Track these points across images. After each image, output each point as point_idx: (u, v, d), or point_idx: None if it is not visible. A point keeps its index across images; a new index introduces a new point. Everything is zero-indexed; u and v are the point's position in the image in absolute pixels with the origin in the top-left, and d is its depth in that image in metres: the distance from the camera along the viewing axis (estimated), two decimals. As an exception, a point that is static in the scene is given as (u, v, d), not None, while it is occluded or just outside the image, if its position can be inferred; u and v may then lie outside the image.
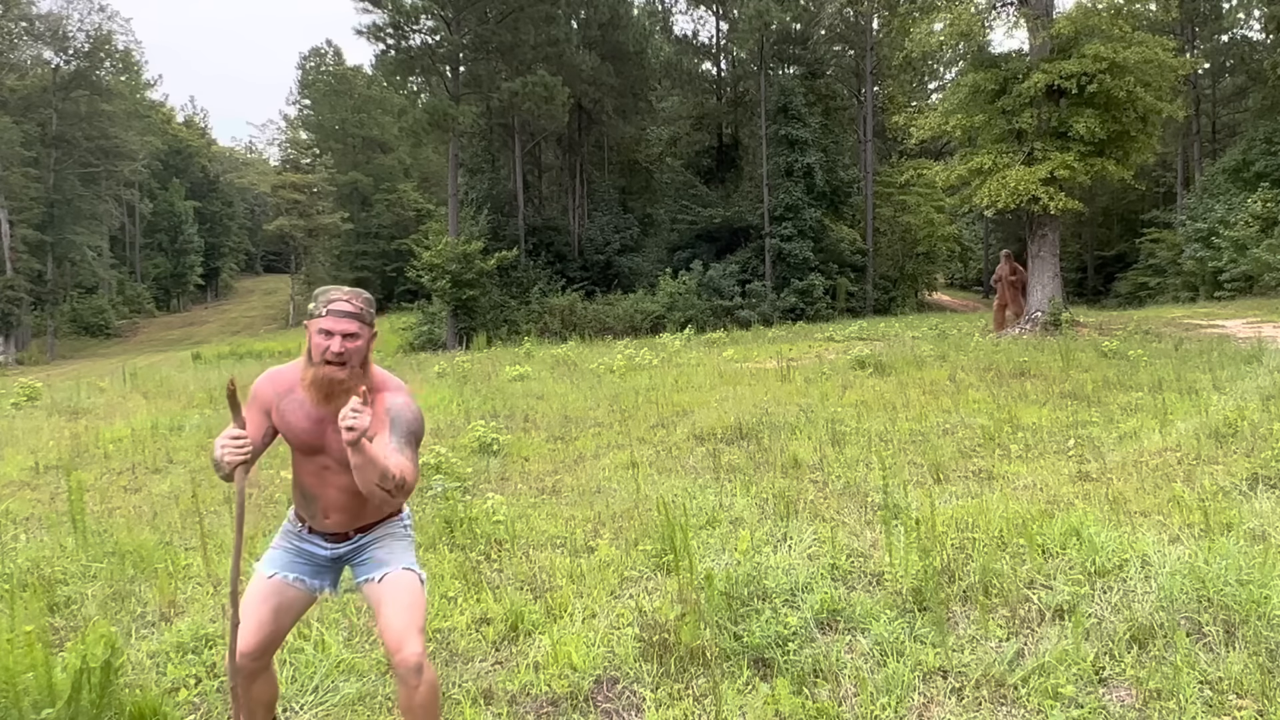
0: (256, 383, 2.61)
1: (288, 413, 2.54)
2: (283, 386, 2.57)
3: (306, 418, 2.52)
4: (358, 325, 2.47)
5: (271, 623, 2.58)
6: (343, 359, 2.44)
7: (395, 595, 2.55)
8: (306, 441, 2.55)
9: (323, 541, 2.67)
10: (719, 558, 4.38)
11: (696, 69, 42.63)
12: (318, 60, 62.90)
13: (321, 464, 2.55)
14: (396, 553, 2.66)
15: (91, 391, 14.51)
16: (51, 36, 48.29)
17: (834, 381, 10.88)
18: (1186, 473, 5.71)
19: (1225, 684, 2.98)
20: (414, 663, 2.44)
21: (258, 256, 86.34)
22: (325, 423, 2.50)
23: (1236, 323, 17.60)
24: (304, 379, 2.50)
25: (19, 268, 43.30)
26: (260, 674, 2.65)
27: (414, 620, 2.52)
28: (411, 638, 2.47)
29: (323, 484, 2.58)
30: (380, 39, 31.01)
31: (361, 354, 2.49)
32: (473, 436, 7.73)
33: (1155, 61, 16.32)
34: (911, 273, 40.01)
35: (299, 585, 2.63)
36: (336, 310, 2.46)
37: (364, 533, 2.68)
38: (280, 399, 2.55)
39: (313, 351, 2.47)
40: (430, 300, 32.39)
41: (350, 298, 2.49)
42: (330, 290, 2.51)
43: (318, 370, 2.45)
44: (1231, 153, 35.06)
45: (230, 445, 2.34)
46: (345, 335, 2.44)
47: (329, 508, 2.61)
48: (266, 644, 2.60)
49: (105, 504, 6.48)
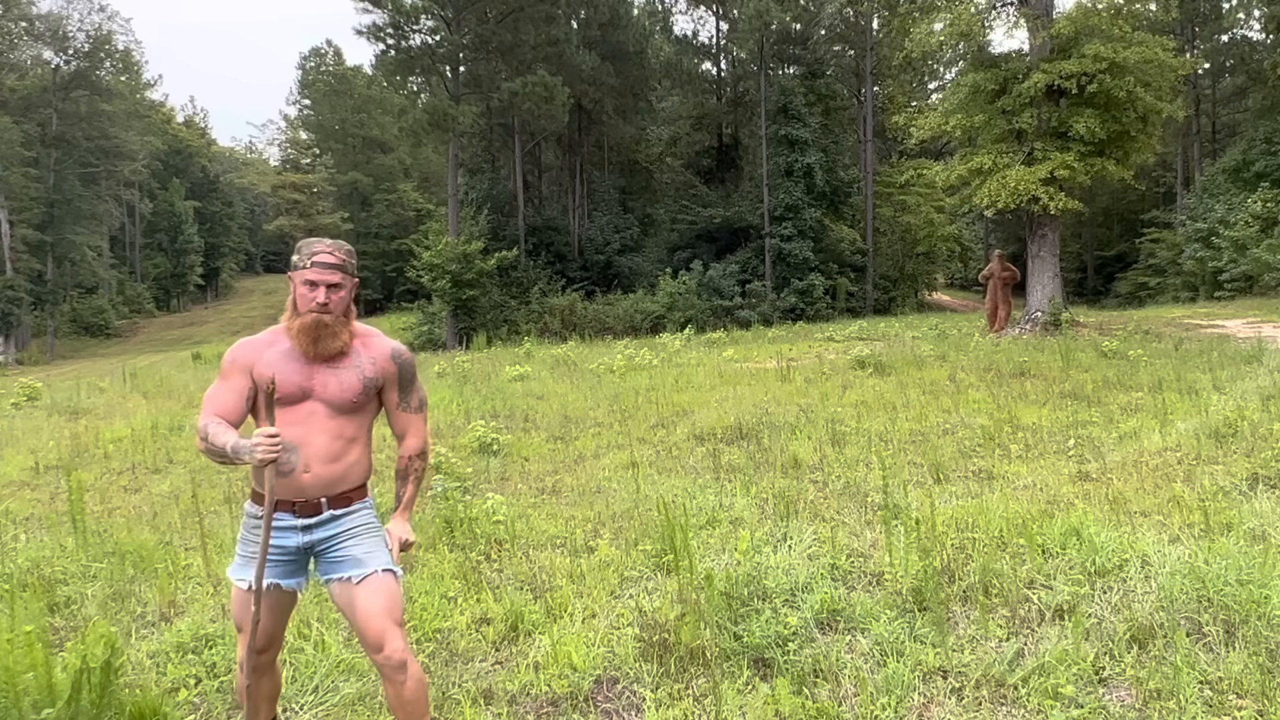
0: (230, 351, 2.61)
1: (274, 362, 2.52)
2: (263, 343, 2.59)
3: (295, 363, 2.53)
4: (341, 276, 2.54)
5: (269, 620, 2.60)
6: (328, 309, 2.50)
7: (373, 594, 2.52)
8: (297, 384, 2.51)
9: (292, 518, 2.55)
10: (719, 558, 4.38)
11: (696, 69, 42.64)
12: (318, 60, 62.95)
13: (308, 410, 2.53)
14: (373, 551, 2.59)
15: (91, 391, 14.51)
16: (51, 36, 48.28)
17: (834, 381, 10.88)
18: (1186, 473, 5.71)
19: (1225, 684, 2.98)
20: (397, 660, 2.47)
21: (258, 256, 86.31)
22: (313, 368, 2.53)
23: (1236, 323, 17.61)
24: (290, 328, 2.55)
25: (19, 268, 43.31)
26: (267, 670, 2.70)
27: (392, 616, 2.52)
28: (392, 634, 2.49)
29: (309, 431, 2.53)
30: (380, 39, 31.01)
31: (344, 303, 2.56)
32: (473, 436, 7.73)
33: (1155, 61, 16.33)
34: (911, 273, 40.02)
35: (274, 590, 2.58)
36: (321, 262, 2.52)
37: (338, 513, 2.58)
38: (263, 353, 2.55)
39: (298, 302, 2.53)
40: (430, 300, 32.39)
41: (333, 249, 2.55)
42: (314, 243, 2.56)
43: (304, 318, 2.50)
44: (1231, 153, 35.06)
45: (266, 444, 2.35)
46: (329, 286, 2.51)
47: (313, 457, 2.53)
48: (270, 639, 2.64)
49: (105, 504, 6.48)
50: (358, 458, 2.62)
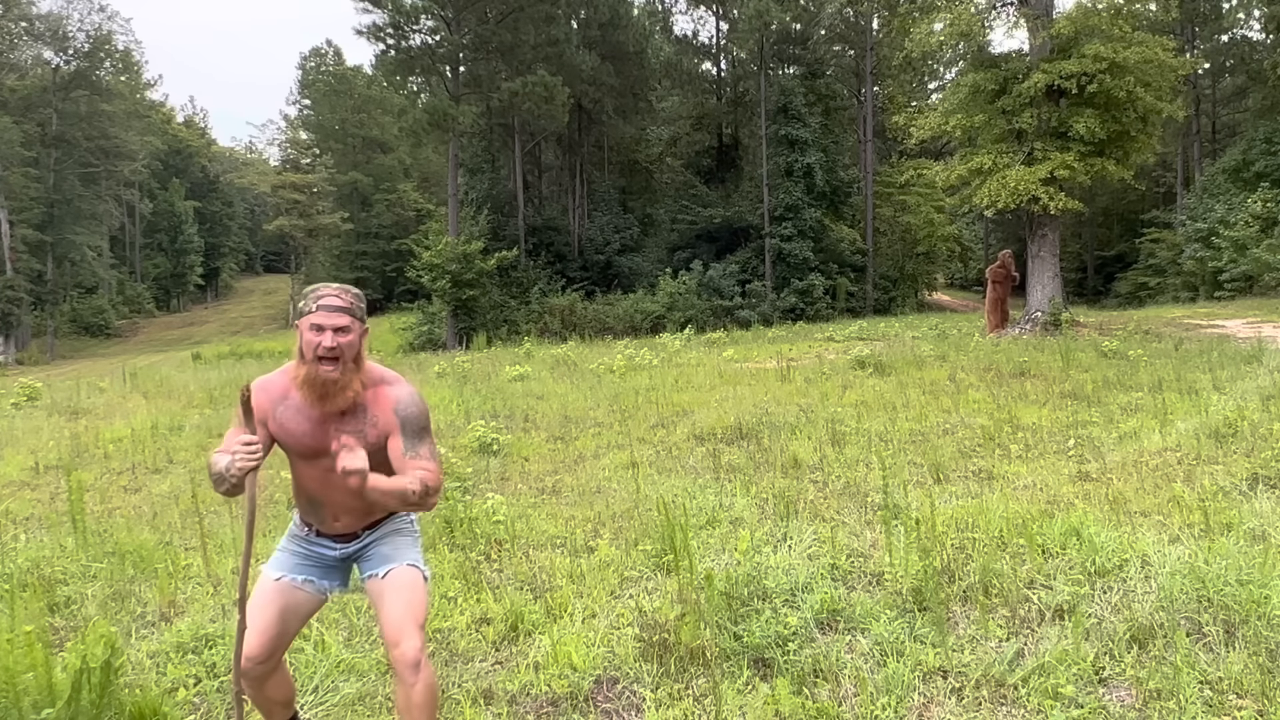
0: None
1: (286, 420, 2.50)
2: (276, 393, 2.52)
3: (306, 420, 2.49)
4: (349, 319, 2.46)
5: (278, 626, 2.56)
6: (335, 354, 2.42)
7: (397, 590, 2.54)
8: (309, 446, 2.50)
9: (331, 543, 2.66)
10: (719, 558, 4.38)
11: (696, 69, 42.67)
12: (318, 60, 62.92)
13: (325, 467, 2.47)
14: (401, 549, 2.65)
15: (91, 391, 14.51)
16: (51, 36, 48.30)
17: (834, 381, 10.88)
18: (1186, 473, 5.71)
19: (1225, 684, 2.98)
20: (411, 659, 2.44)
21: (258, 256, 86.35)
22: (326, 424, 2.49)
23: (1236, 323, 17.61)
24: (297, 378, 2.48)
25: (19, 268, 43.32)
26: (271, 675, 2.63)
27: (413, 616, 2.51)
28: (410, 633, 2.47)
29: (328, 488, 2.53)
30: (380, 39, 31.03)
31: (354, 349, 2.47)
32: (473, 436, 7.73)
33: (1155, 61, 16.33)
34: (911, 273, 40.03)
35: (308, 587, 2.62)
36: (327, 305, 2.45)
37: (372, 529, 2.68)
38: (276, 407, 2.51)
39: (304, 349, 2.45)
40: (430, 300, 32.40)
41: (340, 293, 2.49)
42: (320, 287, 2.51)
43: (311, 368, 2.43)
44: (1231, 153, 35.08)
45: (242, 451, 2.32)
46: (336, 329, 2.43)
47: (338, 511, 2.59)
48: (272, 649, 2.57)
49: (105, 504, 6.48)
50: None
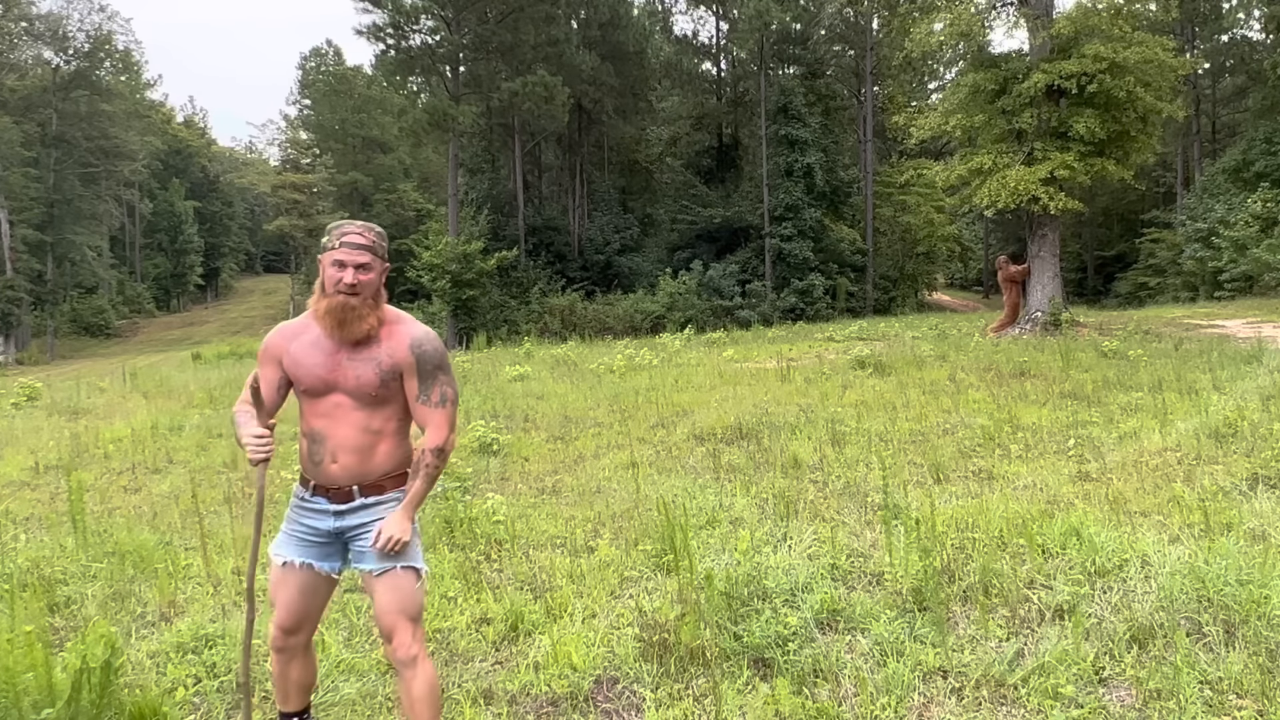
0: (266, 338, 2.63)
1: (300, 354, 2.54)
2: (291, 332, 2.60)
3: (320, 353, 2.53)
4: (370, 257, 2.51)
5: (301, 600, 2.61)
6: (355, 290, 2.47)
7: (390, 589, 2.55)
8: (321, 377, 2.53)
9: (326, 503, 2.58)
10: (719, 558, 4.37)
11: (696, 69, 42.67)
12: (318, 60, 62.88)
13: (334, 402, 2.54)
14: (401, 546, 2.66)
15: (91, 391, 14.51)
16: (51, 36, 48.30)
17: (834, 381, 10.88)
18: (1186, 473, 5.71)
19: (1225, 684, 2.98)
20: (405, 655, 2.49)
21: (258, 256, 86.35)
22: (339, 356, 2.53)
23: (1236, 323, 17.61)
24: (317, 309, 2.53)
25: (19, 268, 43.32)
26: (299, 654, 2.68)
27: (406, 613, 2.53)
28: (403, 629, 2.49)
29: (335, 423, 2.55)
30: (380, 39, 31.05)
31: (374, 286, 2.52)
32: (473, 436, 7.73)
33: (1155, 61, 16.33)
34: (911, 273, 40.05)
35: (308, 570, 2.62)
36: (350, 242, 2.50)
37: (368, 496, 2.59)
38: (290, 343, 2.57)
39: (326, 283, 2.50)
40: (430, 300, 32.41)
41: (363, 230, 2.54)
42: (344, 224, 2.55)
43: (331, 299, 2.48)
44: (1231, 153, 35.08)
45: (253, 444, 2.39)
46: (358, 266, 2.48)
47: (339, 448, 2.55)
48: (300, 620, 2.63)
49: (105, 504, 6.48)
50: (389, 448, 2.61)
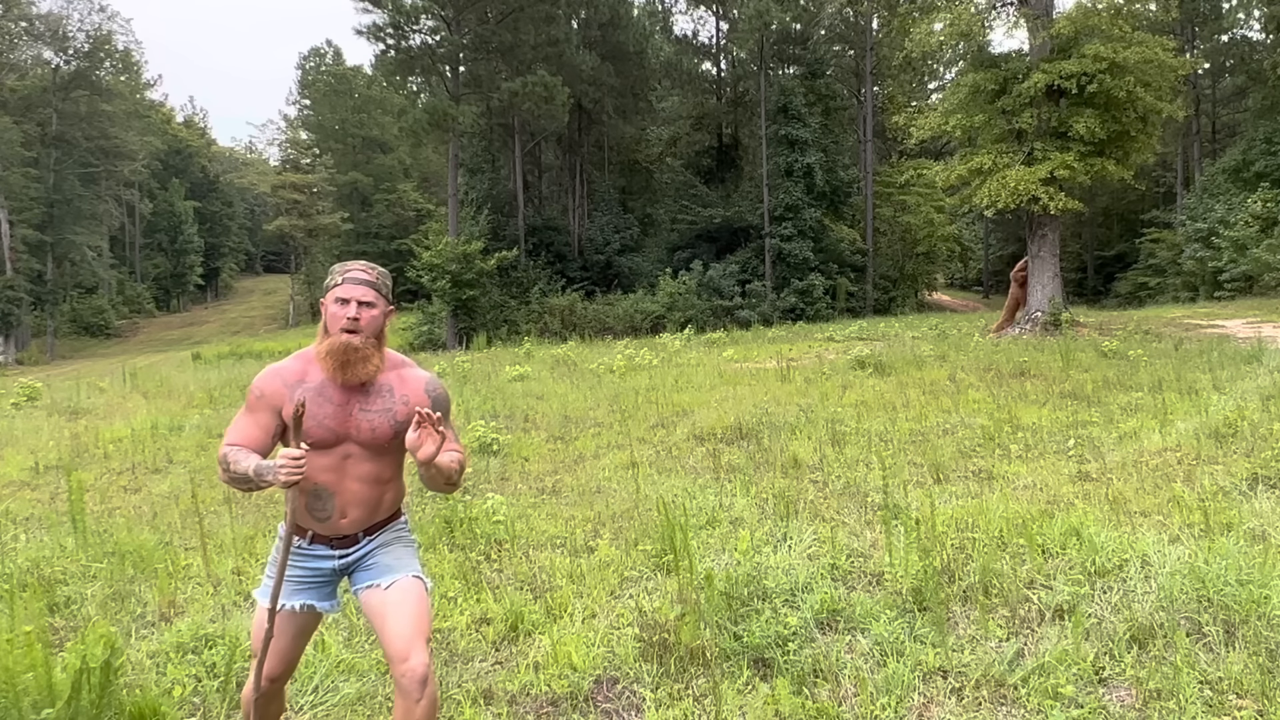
0: (259, 381, 2.48)
1: (308, 404, 2.41)
2: (292, 378, 2.47)
3: (329, 403, 2.43)
4: (374, 295, 2.46)
5: (294, 646, 2.57)
6: (358, 325, 2.41)
7: (402, 603, 2.47)
8: (330, 429, 2.42)
9: (328, 550, 2.53)
10: (719, 558, 4.38)
11: (696, 69, 42.64)
12: (318, 60, 62.89)
13: (342, 454, 2.43)
14: (404, 559, 2.57)
15: (91, 391, 14.51)
16: (51, 36, 48.30)
17: (834, 381, 10.88)
18: (1186, 473, 5.71)
19: (1225, 684, 2.98)
20: (420, 674, 2.37)
21: (258, 256, 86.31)
22: (349, 406, 2.44)
23: (1236, 323, 17.61)
24: (319, 351, 2.45)
25: (19, 268, 43.31)
26: (278, 695, 2.66)
27: (421, 630, 2.45)
28: (419, 648, 2.40)
29: (342, 477, 2.45)
30: (380, 39, 31.03)
31: (377, 325, 2.46)
32: (473, 436, 7.73)
33: (1155, 61, 16.34)
34: (911, 273, 40.03)
35: (307, 612, 2.54)
36: (353, 279, 2.45)
37: (371, 535, 2.57)
38: (293, 390, 2.43)
39: (329, 322, 2.44)
40: (430, 300, 32.40)
41: (367, 268, 2.50)
42: (348, 263, 2.52)
43: (333, 339, 2.41)
44: (1231, 153, 35.09)
45: (290, 465, 2.25)
46: (361, 303, 2.43)
47: (347, 504, 2.48)
48: (290, 665, 2.61)
49: (105, 504, 6.48)
50: (395, 494, 2.57)
